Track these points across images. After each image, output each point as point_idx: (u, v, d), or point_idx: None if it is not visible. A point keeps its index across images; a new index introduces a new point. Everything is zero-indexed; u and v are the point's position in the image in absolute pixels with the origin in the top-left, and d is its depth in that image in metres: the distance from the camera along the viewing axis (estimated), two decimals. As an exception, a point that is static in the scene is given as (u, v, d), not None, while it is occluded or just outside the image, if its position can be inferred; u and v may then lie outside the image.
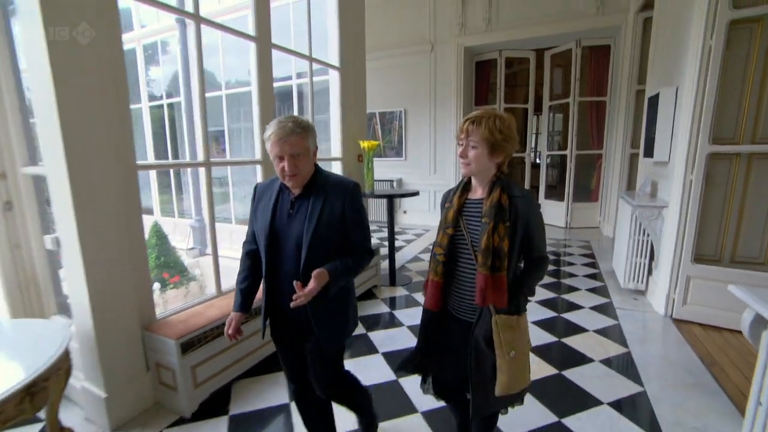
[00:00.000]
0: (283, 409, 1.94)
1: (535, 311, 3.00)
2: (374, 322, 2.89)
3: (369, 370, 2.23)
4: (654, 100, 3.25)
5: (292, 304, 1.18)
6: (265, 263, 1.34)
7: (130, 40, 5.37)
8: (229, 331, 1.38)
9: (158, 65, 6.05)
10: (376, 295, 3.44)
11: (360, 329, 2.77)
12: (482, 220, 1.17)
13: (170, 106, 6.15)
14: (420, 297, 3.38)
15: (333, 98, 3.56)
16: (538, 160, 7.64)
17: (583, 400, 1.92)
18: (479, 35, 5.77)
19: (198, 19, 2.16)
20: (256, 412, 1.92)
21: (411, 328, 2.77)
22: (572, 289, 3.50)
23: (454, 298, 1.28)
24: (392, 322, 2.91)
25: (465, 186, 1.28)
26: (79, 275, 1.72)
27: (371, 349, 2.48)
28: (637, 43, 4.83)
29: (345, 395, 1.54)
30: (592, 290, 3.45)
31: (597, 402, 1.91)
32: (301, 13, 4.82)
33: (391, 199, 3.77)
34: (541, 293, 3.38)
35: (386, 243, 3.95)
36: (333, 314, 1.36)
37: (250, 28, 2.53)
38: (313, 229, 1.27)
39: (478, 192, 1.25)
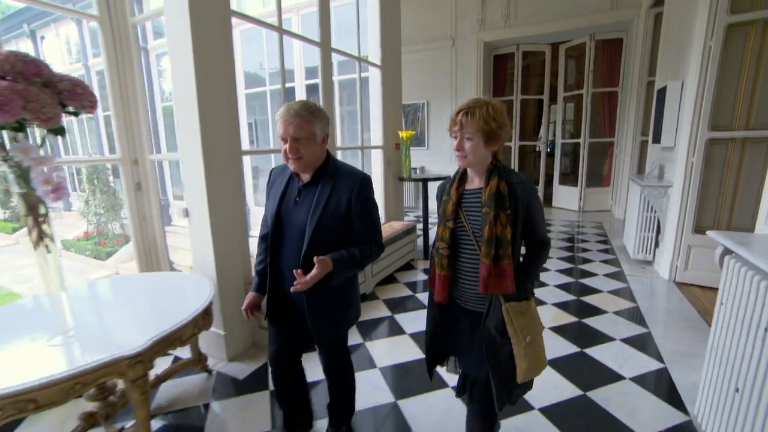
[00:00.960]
0: (360, 348, 2.44)
1: (553, 278, 3.46)
2: (416, 287, 3.39)
3: (422, 320, 2.74)
4: (662, 92, 3.64)
5: (292, 289, 1.19)
6: (270, 247, 1.36)
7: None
8: (242, 307, 1.44)
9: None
10: (414, 267, 3.94)
11: (407, 292, 3.27)
12: (482, 210, 1.14)
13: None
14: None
15: (374, 93, 4.01)
16: (549, 149, 8.00)
17: (599, 338, 2.40)
18: (498, 31, 6.13)
19: (281, 30, 2.62)
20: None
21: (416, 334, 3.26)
22: (586, 261, 3.95)
23: (459, 289, 1.25)
24: (405, 305, 3.40)
25: (461, 177, 1.25)
26: (207, 239, 2.22)
27: (422, 306, 2.98)
28: (649, 37, 5.16)
29: (340, 375, 1.55)
30: (605, 261, 3.90)
31: (610, 339, 2.38)
32: (342, 15, 5.27)
33: (425, 182, 4.23)
34: (558, 264, 3.84)
35: (419, 223, 4.43)
36: (329, 310, 1.35)
37: (294, 28, 2.99)
38: (317, 220, 1.25)
39: (475, 182, 1.22)
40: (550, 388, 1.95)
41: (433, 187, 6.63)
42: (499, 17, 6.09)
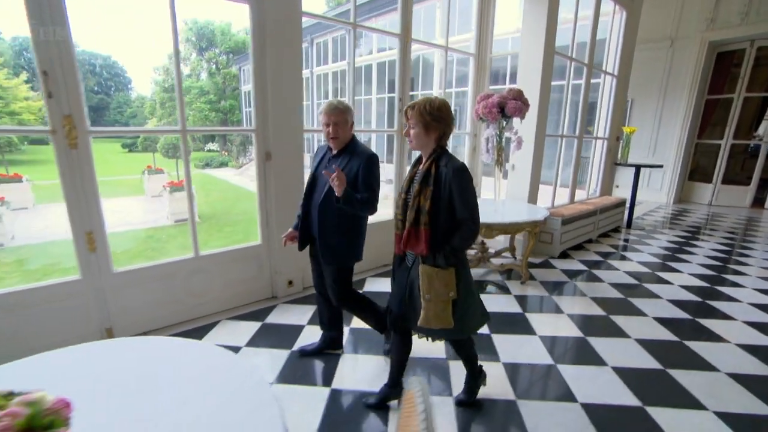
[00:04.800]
0: (598, 264, 3.87)
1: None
2: (613, 245, 4.56)
3: (623, 267, 3.98)
4: None
5: (333, 175, 1.61)
6: (304, 195, 1.91)
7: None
8: (284, 236, 1.99)
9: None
10: (620, 231, 5.14)
11: (606, 248, 4.50)
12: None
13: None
14: (646, 237, 4.87)
15: (605, 97, 5.16)
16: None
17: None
18: (730, 29, 6.26)
19: (571, 59, 4.09)
20: (589, 261, 3.92)
21: (641, 262, 4.26)
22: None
23: None
24: (626, 249, 4.48)
25: (418, 160, 1.57)
26: (525, 185, 3.94)
27: (620, 258, 4.19)
28: None
29: (350, 308, 2.01)
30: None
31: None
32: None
33: (638, 168, 5.24)
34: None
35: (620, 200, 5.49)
36: (334, 241, 1.84)
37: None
38: None
39: (424, 165, 1.51)
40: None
41: (644, 173, 7.13)
42: (734, 15, 6.20)
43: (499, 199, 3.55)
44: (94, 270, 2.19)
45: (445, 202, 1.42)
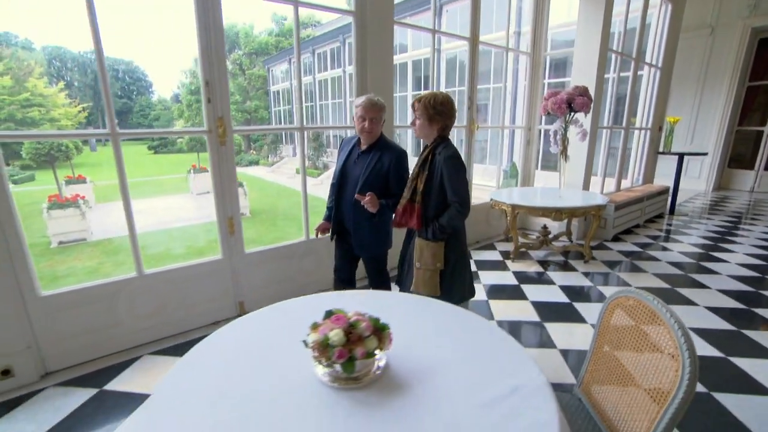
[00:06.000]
0: (650, 245, 4.09)
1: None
2: (660, 230, 4.76)
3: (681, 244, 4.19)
4: None
5: (364, 200, 1.78)
6: (336, 190, 2.01)
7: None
8: (316, 228, 2.14)
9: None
10: (663, 216, 5.32)
11: (655, 232, 4.70)
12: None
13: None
14: (690, 222, 5.04)
15: (648, 88, 5.31)
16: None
17: None
18: (774, 15, 6.28)
19: (622, 55, 4.29)
20: (641, 243, 4.14)
21: (693, 244, 4.51)
22: None
23: None
24: (674, 232, 4.67)
25: (426, 148, 1.72)
26: (581, 171, 4.19)
27: (671, 240, 4.39)
28: None
29: (376, 281, 2.15)
30: None
31: None
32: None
33: (681, 156, 5.39)
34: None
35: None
36: (366, 235, 1.99)
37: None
38: (367, 174, 1.88)
39: None
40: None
41: (684, 161, 7.22)
42: (777, 1, 6.23)
43: (562, 187, 3.82)
44: (232, 250, 2.58)
45: (436, 186, 1.62)
